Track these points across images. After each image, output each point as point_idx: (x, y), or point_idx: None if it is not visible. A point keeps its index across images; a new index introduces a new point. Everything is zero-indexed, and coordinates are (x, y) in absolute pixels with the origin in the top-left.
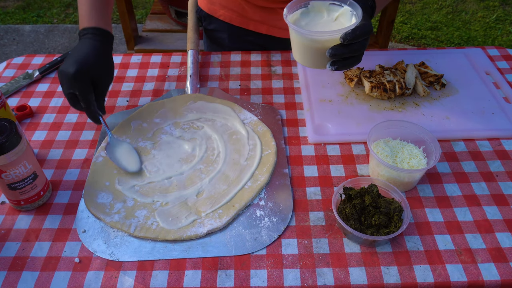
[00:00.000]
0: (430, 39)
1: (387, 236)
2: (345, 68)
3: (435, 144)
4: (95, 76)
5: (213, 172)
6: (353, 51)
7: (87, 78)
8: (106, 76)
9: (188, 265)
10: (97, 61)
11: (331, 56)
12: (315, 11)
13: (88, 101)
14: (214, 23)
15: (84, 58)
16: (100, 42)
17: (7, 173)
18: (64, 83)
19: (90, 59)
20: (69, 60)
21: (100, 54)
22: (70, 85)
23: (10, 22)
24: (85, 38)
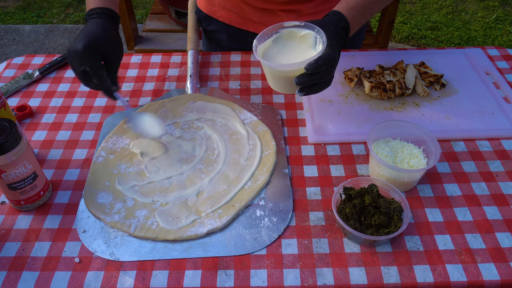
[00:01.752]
0: (430, 39)
1: (387, 236)
2: (314, 93)
3: (435, 144)
4: (105, 52)
5: (213, 172)
6: (318, 78)
7: (97, 53)
8: (115, 51)
9: (188, 265)
10: (105, 37)
11: (297, 84)
12: (285, 38)
13: (100, 76)
14: (214, 24)
15: (92, 34)
16: (107, 20)
17: (7, 173)
18: (74, 61)
19: (98, 35)
20: (77, 38)
21: (107, 31)
22: (81, 61)
23: (10, 22)
24: (92, 18)
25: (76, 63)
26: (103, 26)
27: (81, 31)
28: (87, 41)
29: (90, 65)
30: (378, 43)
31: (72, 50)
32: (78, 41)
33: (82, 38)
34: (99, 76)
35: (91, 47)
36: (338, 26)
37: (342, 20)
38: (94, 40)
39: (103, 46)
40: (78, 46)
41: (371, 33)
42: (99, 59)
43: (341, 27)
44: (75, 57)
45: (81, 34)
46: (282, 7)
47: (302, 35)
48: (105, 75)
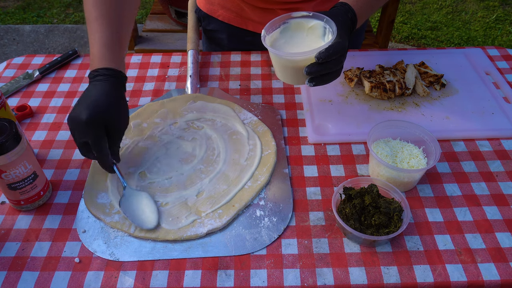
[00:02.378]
0: (430, 39)
1: (387, 236)
2: (323, 83)
3: (435, 144)
4: (109, 123)
5: (213, 172)
6: (329, 68)
7: (101, 125)
8: (120, 121)
9: (188, 265)
10: (110, 106)
11: (307, 74)
12: (294, 28)
13: (101, 150)
14: (213, 23)
15: (96, 103)
16: (112, 84)
17: (7, 173)
18: (75, 131)
19: (103, 104)
20: (80, 105)
21: (112, 98)
22: (83, 133)
23: (10, 22)
24: (96, 80)
25: (77, 134)
26: (109, 93)
27: (85, 97)
28: (91, 112)
29: (92, 138)
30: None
31: (75, 119)
32: (82, 111)
33: (86, 107)
34: (100, 150)
35: (95, 118)
36: (346, 18)
37: (350, 12)
38: (98, 111)
39: (107, 117)
40: (81, 117)
41: (371, 33)
42: (103, 131)
43: (349, 19)
44: (77, 127)
45: (85, 101)
46: (282, 6)
47: (310, 26)
48: (106, 149)
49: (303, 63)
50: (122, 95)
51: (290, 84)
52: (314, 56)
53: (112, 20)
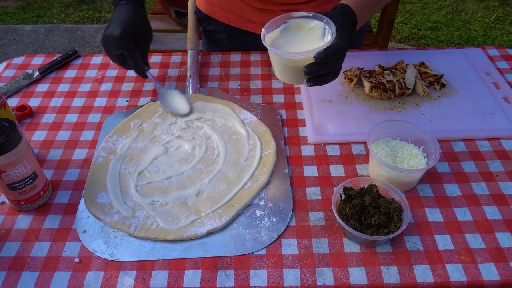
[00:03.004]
0: (430, 39)
1: (387, 236)
2: (321, 84)
3: (435, 144)
4: (138, 36)
5: (213, 172)
6: (327, 68)
7: (132, 38)
8: (146, 35)
9: (188, 265)
10: (138, 22)
11: (306, 74)
12: (294, 28)
13: (136, 58)
14: (213, 24)
15: (126, 21)
16: (134, 6)
17: (7, 173)
18: (111, 46)
19: (131, 22)
20: (112, 25)
21: (138, 16)
22: (118, 46)
23: (10, 22)
24: (121, 5)
25: (114, 48)
26: (135, 12)
27: (115, 18)
28: (123, 28)
29: (127, 49)
30: (378, 43)
31: (110, 35)
32: (115, 28)
33: (119, 24)
34: (135, 59)
35: (127, 33)
36: (346, 19)
37: (350, 13)
38: (129, 26)
39: (137, 31)
40: (115, 32)
41: (371, 33)
42: (134, 42)
43: (349, 20)
44: (113, 42)
45: (116, 20)
46: (281, 8)
47: (311, 27)
48: (139, 57)
49: (302, 63)
50: (144, 14)
51: (289, 83)
52: (312, 56)
53: None
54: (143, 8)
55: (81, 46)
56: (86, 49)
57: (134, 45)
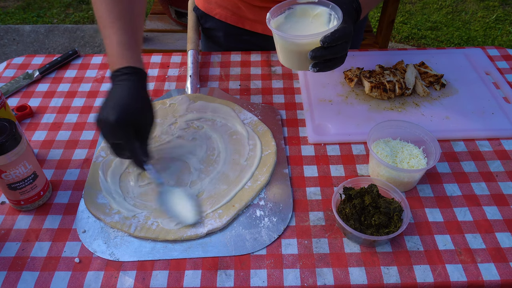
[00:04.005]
0: (430, 39)
1: (387, 236)
2: (327, 70)
3: (435, 144)
4: (138, 122)
5: (213, 172)
6: (334, 53)
7: (130, 125)
8: (148, 120)
9: (188, 265)
10: (137, 105)
11: (312, 58)
12: (299, 14)
13: (134, 150)
14: (210, 21)
15: (123, 104)
16: (136, 82)
17: (7, 173)
18: (106, 133)
19: (130, 104)
20: (108, 107)
21: (138, 97)
22: (114, 135)
23: (10, 22)
24: (119, 80)
25: (108, 136)
26: (135, 92)
27: (112, 98)
28: (120, 114)
29: (124, 139)
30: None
31: (104, 121)
32: (111, 112)
33: (114, 108)
34: (133, 150)
35: (125, 119)
36: (351, 7)
37: (354, 2)
38: (127, 112)
39: (136, 117)
40: (110, 118)
41: (371, 33)
42: (133, 131)
43: (353, 9)
44: (108, 129)
45: (111, 102)
46: None
47: (316, 13)
48: (138, 148)
49: (307, 47)
50: (146, 93)
51: (293, 69)
52: (319, 40)
53: (128, 22)
54: (145, 85)
55: (81, 46)
56: (86, 49)
57: (132, 133)
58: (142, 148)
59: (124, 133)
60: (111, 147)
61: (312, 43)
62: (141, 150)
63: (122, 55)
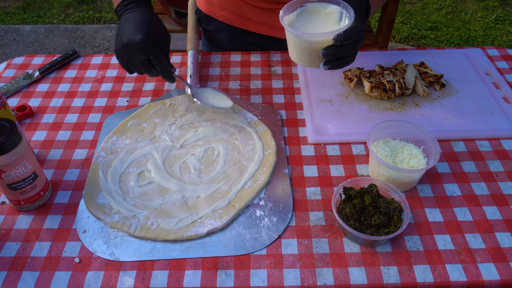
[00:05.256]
0: (430, 39)
1: (386, 236)
2: (338, 68)
3: (435, 144)
4: (160, 38)
5: (213, 172)
6: (345, 51)
7: (155, 41)
8: (166, 36)
9: (188, 265)
10: (157, 24)
11: (324, 56)
12: (311, 12)
13: (163, 63)
14: (213, 24)
15: (144, 24)
16: (146, 7)
17: (7, 173)
18: (134, 52)
19: (151, 24)
20: (129, 30)
21: (153, 18)
22: (144, 52)
23: (10, 22)
24: (130, 8)
25: (138, 54)
26: (148, 15)
27: (130, 23)
28: (146, 31)
29: (154, 54)
30: (378, 43)
31: (132, 41)
32: (135, 32)
33: (138, 28)
34: (162, 63)
35: (151, 36)
36: (361, 6)
37: (364, 1)
38: (150, 29)
39: (158, 33)
40: (137, 37)
41: (371, 33)
42: (158, 46)
43: (363, 7)
44: (136, 48)
45: (132, 25)
46: (281, 7)
47: (327, 11)
48: (165, 61)
49: (320, 45)
50: (156, 15)
51: (304, 66)
52: (331, 38)
53: None
54: (152, 8)
55: (81, 46)
56: (86, 49)
57: (160, 48)
58: (168, 61)
59: (153, 48)
60: (142, 64)
61: (325, 41)
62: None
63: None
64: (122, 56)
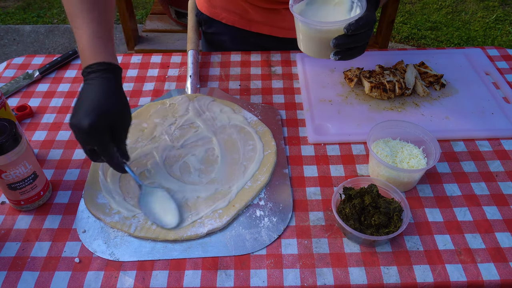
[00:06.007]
0: (430, 39)
1: (386, 236)
2: (348, 58)
3: (434, 144)
4: (114, 123)
5: (213, 172)
6: (357, 41)
7: (105, 129)
8: (123, 120)
9: (188, 265)
10: (111, 105)
11: (335, 46)
12: (320, 1)
13: (109, 153)
14: (215, 26)
15: (97, 106)
16: (109, 80)
17: (7, 173)
18: (79, 138)
19: (103, 106)
20: (80, 110)
21: (112, 96)
22: (87, 140)
23: (10, 22)
24: (92, 78)
25: (82, 141)
26: (109, 91)
27: (83, 99)
28: (94, 118)
29: (98, 144)
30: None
31: (77, 126)
32: (82, 117)
33: (86, 112)
34: (109, 153)
35: (100, 124)
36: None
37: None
38: (100, 114)
39: (111, 118)
40: (83, 124)
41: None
42: (107, 134)
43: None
44: (80, 134)
45: (84, 104)
46: (286, 6)
47: (337, 1)
48: (114, 151)
49: (330, 34)
50: (120, 91)
51: (313, 56)
52: (342, 27)
53: (101, 13)
54: (120, 82)
55: None
56: None
57: (108, 137)
58: (120, 150)
59: (99, 138)
60: (86, 152)
61: (336, 31)
62: (120, 152)
63: (94, 49)
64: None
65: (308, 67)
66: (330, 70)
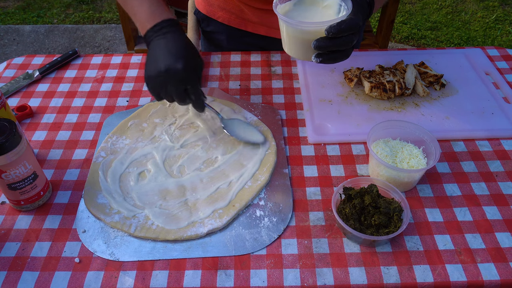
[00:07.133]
0: (430, 39)
1: (386, 236)
2: (330, 62)
3: (434, 144)
4: (195, 65)
5: (213, 172)
6: (338, 45)
7: (193, 68)
8: (202, 62)
9: (188, 265)
10: (192, 49)
11: (315, 48)
12: (308, 3)
13: (199, 92)
14: (212, 25)
15: (182, 50)
16: (181, 31)
17: (7, 173)
18: (173, 81)
19: (188, 50)
20: (167, 56)
21: (187, 43)
22: (182, 81)
23: (10, 22)
24: (166, 33)
25: (176, 83)
26: (185, 38)
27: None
28: (185, 59)
29: (192, 82)
30: (378, 43)
31: (171, 70)
32: (174, 60)
33: (177, 55)
34: (199, 91)
35: (190, 64)
36: (362, 1)
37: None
38: (188, 56)
39: (195, 60)
40: (178, 66)
41: (371, 33)
42: (196, 74)
43: (366, 2)
44: (175, 77)
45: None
46: None
47: (326, 4)
48: (201, 91)
49: (313, 35)
50: (188, 39)
51: (296, 58)
52: (324, 29)
53: None
54: (183, 32)
55: (81, 46)
56: (86, 49)
57: (197, 76)
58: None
59: (192, 77)
60: (177, 94)
61: (317, 32)
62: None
63: (158, 10)
64: (155, 84)
65: (308, 67)
66: (330, 70)
